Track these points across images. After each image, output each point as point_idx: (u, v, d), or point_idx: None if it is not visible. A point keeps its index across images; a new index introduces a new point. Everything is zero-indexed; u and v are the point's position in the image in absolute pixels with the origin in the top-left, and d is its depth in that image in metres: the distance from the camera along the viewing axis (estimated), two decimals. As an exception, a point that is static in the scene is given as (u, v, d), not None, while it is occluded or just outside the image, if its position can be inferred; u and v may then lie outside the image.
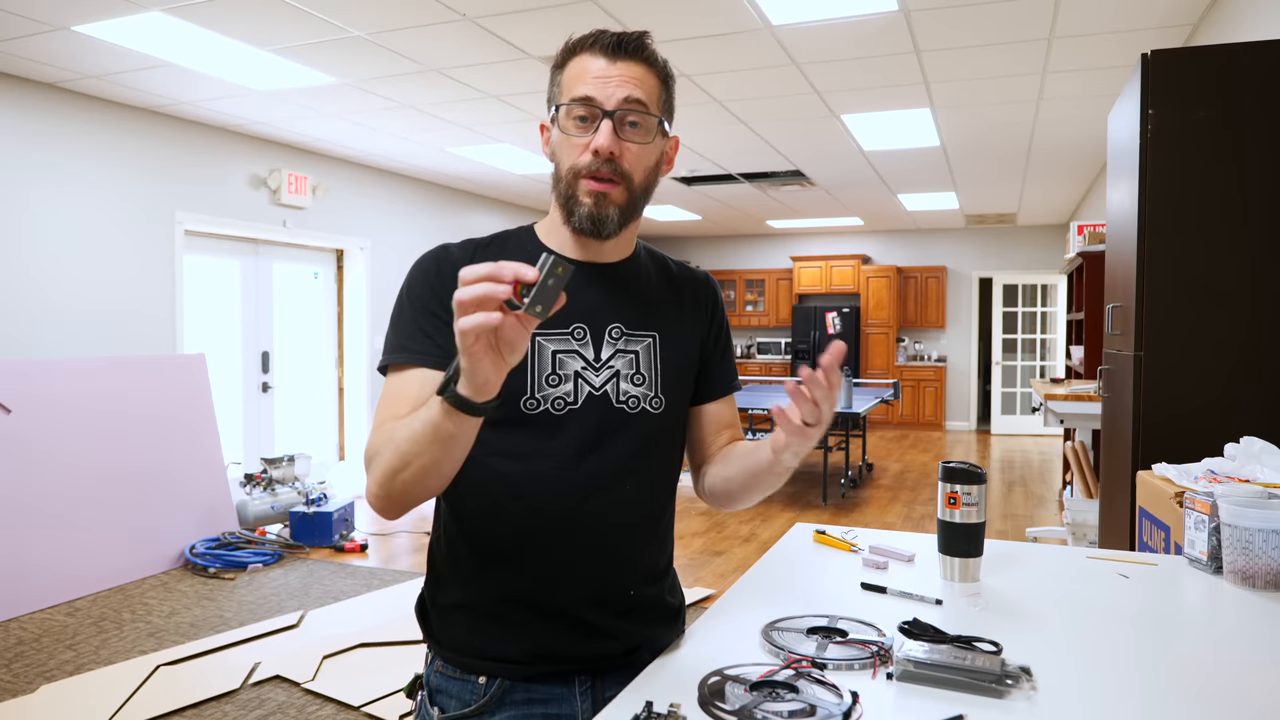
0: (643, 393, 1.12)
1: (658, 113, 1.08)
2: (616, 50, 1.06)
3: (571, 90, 1.06)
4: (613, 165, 1.05)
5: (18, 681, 3.25)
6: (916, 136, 5.92)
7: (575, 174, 1.06)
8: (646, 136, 1.07)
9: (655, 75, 1.09)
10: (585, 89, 1.05)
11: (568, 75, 1.08)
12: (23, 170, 4.65)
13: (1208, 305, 2.22)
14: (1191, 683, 0.92)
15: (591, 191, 1.06)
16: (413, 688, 1.18)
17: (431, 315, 1.06)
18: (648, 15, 3.66)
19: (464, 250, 1.12)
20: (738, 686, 0.89)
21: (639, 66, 1.07)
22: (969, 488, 1.24)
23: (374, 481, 0.98)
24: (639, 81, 1.06)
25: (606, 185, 1.06)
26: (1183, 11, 3.60)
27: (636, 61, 1.07)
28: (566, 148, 1.07)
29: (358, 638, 3.63)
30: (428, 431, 0.89)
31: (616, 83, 1.05)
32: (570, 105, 1.05)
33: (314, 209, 6.66)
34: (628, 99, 1.05)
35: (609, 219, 1.07)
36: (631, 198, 1.08)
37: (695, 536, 5.46)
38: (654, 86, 1.08)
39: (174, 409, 4.99)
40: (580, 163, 1.06)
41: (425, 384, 1.03)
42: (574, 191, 1.07)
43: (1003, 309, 10.85)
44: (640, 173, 1.08)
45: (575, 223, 1.08)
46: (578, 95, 1.05)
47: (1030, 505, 6.56)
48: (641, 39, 1.08)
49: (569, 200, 1.07)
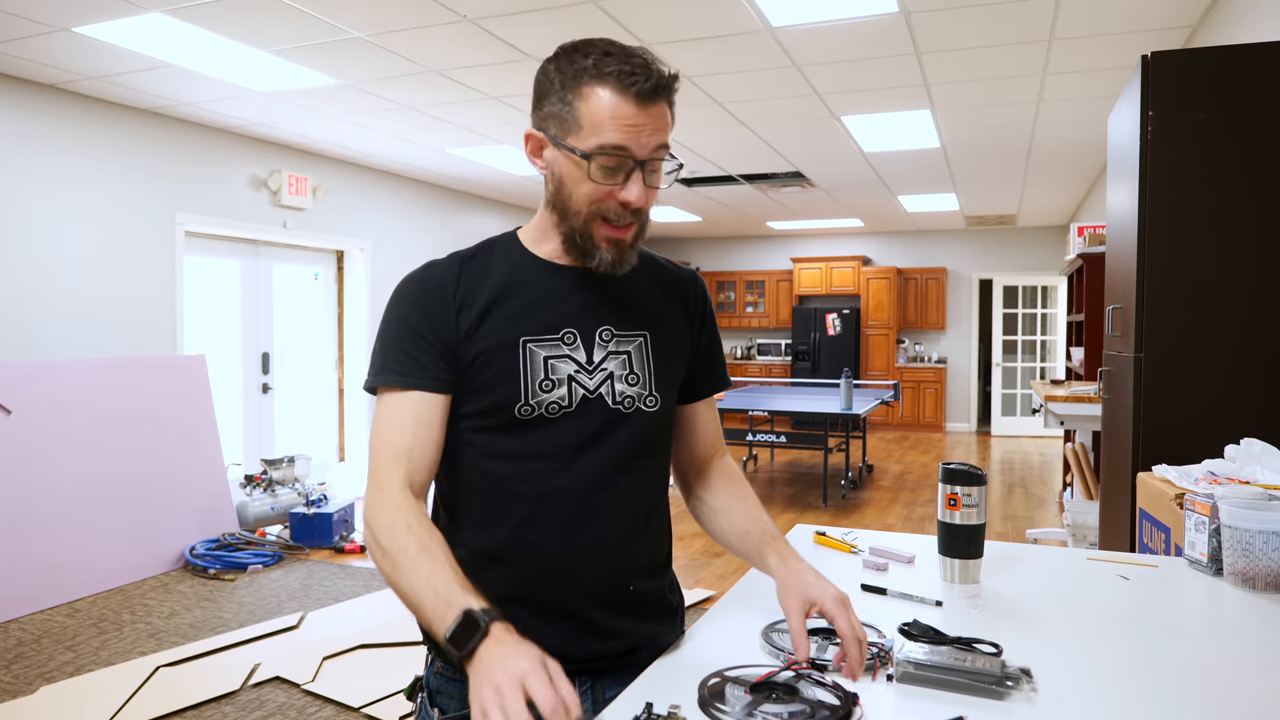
0: (638, 392, 1.12)
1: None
2: (650, 97, 1.00)
3: (599, 132, 1.00)
4: (637, 212, 1.05)
5: (18, 683, 3.25)
6: (917, 138, 5.92)
7: (594, 215, 1.05)
8: (664, 178, 1.07)
9: (671, 111, 1.06)
10: (619, 137, 1.00)
11: (591, 109, 1.00)
12: (23, 171, 4.65)
13: (1208, 307, 2.22)
14: (1192, 684, 0.92)
15: (610, 239, 1.06)
16: (413, 689, 1.18)
17: (417, 336, 1.07)
18: (648, 16, 3.66)
19: (451, 265, 1.12)
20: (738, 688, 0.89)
21: (665, 110, 1.03)
22: (969, 489, 1.24)
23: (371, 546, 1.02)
24: (666, 125, 1.03)
25: (624, 231, 1.06)
26: (1183, 13, 3.60)
27: (663, 102, 1.02)
28: (585, 187, 1.03)
29: (358, 639, 3.63)
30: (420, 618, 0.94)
31: (649, 131, 1.01)
32: (600, 155, 1.00)
33: (314, 210, 6.66)
34: (659, 146, 1.03)
35: (628, 260, 1.08)
36: (643, 231, 1.09)
37: (695, 537, 5.46)
38: (670, 123, 1.05)
39: (174, 410, 4.99)
40: (603, 209, 1.04)
41: (419, 411, 1.05)
42: (589, 232, 1.06)
43: (1003, 310, 10.85)
44: (651, 205, 1.08)
45: (595, 265, 1.07)
46: (609, 143, 1.00)
47: (1030, 507, 6.55)
48: (668, 82, 1.02)
49: (584, 240, 1.06)
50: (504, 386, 1.06)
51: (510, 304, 1.09)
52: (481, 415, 1.08)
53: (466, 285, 1.09)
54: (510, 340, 1.07)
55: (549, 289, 1.11)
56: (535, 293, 1.10)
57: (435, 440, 1.07)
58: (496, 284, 1.10)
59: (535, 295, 1.10)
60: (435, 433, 1.06)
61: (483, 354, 1.07)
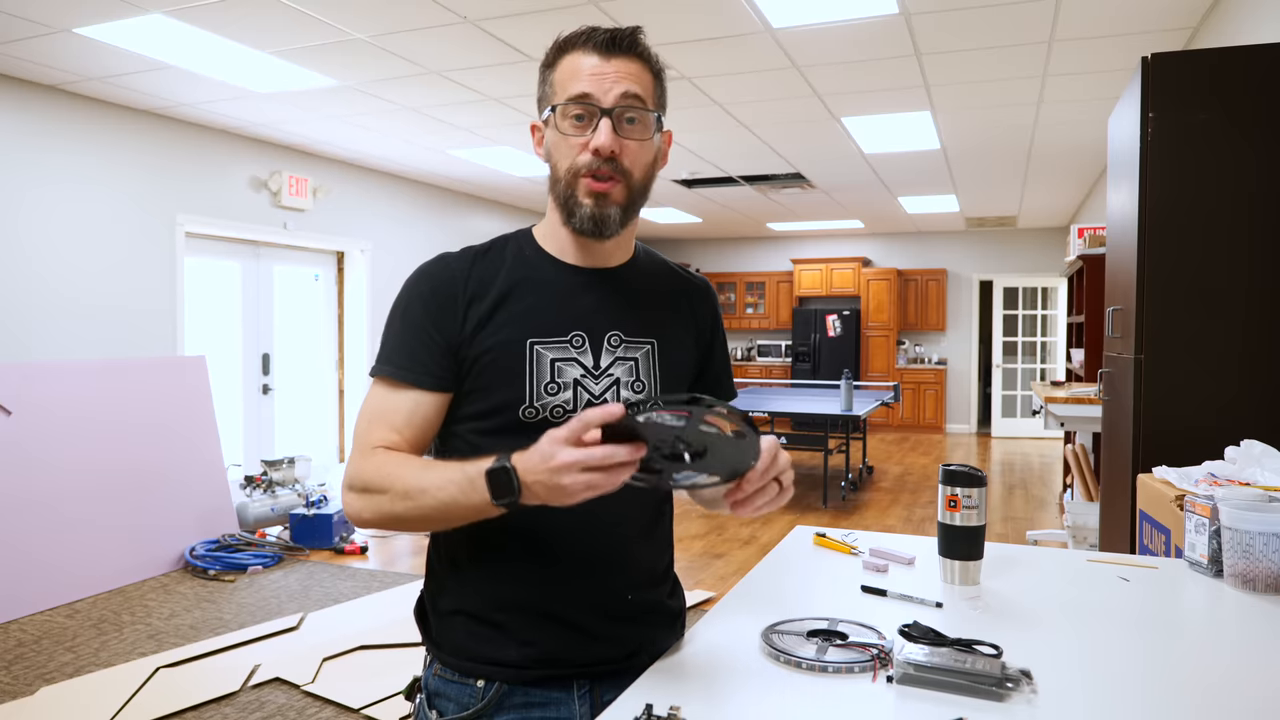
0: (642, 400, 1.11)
1: (654, 108, 1.07)
2: (611, 46, 1.03)
3: (566, 88, 1.04)
4: (613, 163, 1.04)
5: (17, 684, 3.24)
6: (917, 139, 5.92)
7: (574, 174, 1.05)
8: (645, 133, 1.06)
9: (649, 70, 1.07)
10: (581, 86, 1.02)
11: (560, 73, 1.05)
12: (23, 172, 4.65)
13: (1208, 308, 2.22)
14: (1192, 686, 0.92)
15: (592, 191, 1.04)
16: (411, 690, 1.18)
17: (421, 331, 1.07)
18: (648, 18, 3.67)
19: (462, 260, 1.11)
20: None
21: (634, 62, 1.05)
22: (969, 490, 1.24)
23: (370, 514, 1.01)
24: (635, 77, 1.04)
25: (607, 184, 1.05)
26: (1183, 15, 3.60)
27: (631, 57, 1.05)
28: (564, 148, 1.05)
29: (357, 640, 3.63)
30: (465, 513, 0.94)
31: (613, 79, 1.03)
32: (566, 104, 1.03)
33: (314, 211, 6.66)
34: (625, 94, 1.03)
35: (611, 219, 1.06)
36: (631, 195, 1.07)
37: (695, 539, 5.46)
38: (649, 82, 1.07)
39: (174, 411, 4.98)
40: (579, 162, 1.04)
41: (416, 406, 1.05)
42: (573, 192, 1.05)
43: (1003, 312, 10.85)
44: (640, 169, 1.07)
45: (576, 224, 1.07)
46: (574, 93, 1.03)
47: (1031, 508, 6.55)
48: (635, 34, 1.06)
49: (568, 201, 1.06)
50: (508, 387, 1.06)
51: (519, 301, 1.08)
52: (483, 416, 1.07)
53: (477, 280, 1.09)
54: (517, 340, 1.06)
55: (559, 287, 1.10)
56: (545, 290, 1.10)
57: (424, 436, 1.07)
58: (507, 280, 1.09)
59: (545, 293, 1.10)
60: (425, 428, 1.07)
61: (488, 352, 1.06)
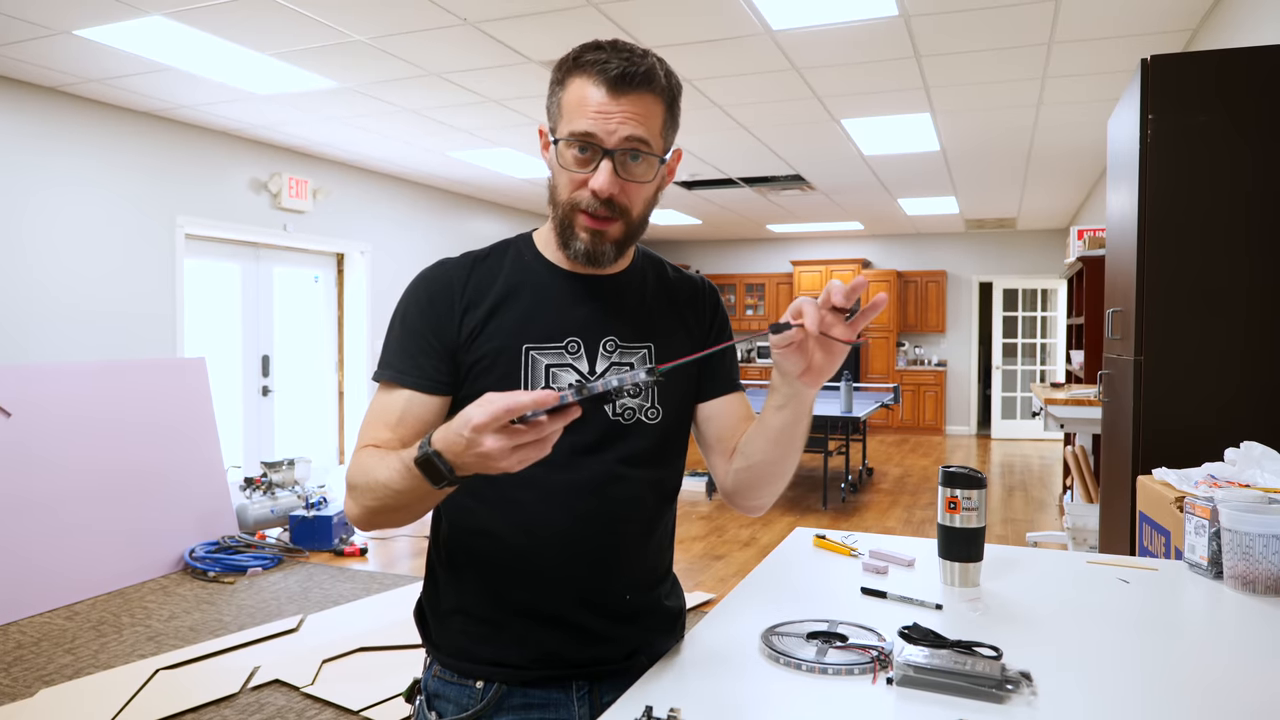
0: (638, 404, 1.11)
1: (659, 148, 1.04)
2: (620, 84, 0.98)
3: (571, 121, 1.00)
4: (611, 205, 1.02)
5: (17, 685, 3.24)
6: (916, 141, 5.93)
7: (572, 207, 1.04)
8: (648, 173, 1.04)
9: (661, 101, 1.03)
10: (585, 124, 0.99)
11: (568, 98, 1.01)
12: (24, 174, 4.66)
13: (1208, 310, 2.22)
14: (1192, 688, 0.92)
15: (588, 228, 1.04)
16: (411, 692, 1.18)
17: (419, 337, 1.07)
18: (648, 20, 3.67)
19: (461, 266, 1.11)
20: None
21: (644, 97, 1.00)
22: (969, 492, 1.24)
23: (356, 511, 1.02)
24: (642, 118, 1.00)
25: (603, 223, 1.04)
26: (1182, 16, 3.60)
27: (642, 93, 1.00)
28: (564, 178, 1.04)
29: (357, 642, 3.63)
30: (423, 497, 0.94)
31: (618, 119, 0.99)
32: (568, 140, 1.00)
33: (314, 213, 6.66)
34: (629, 138, 0.99)
35: (605, 254, 1.06)
36: (629, 231, 1.06)
37: (695, 541, 5.46)
38: (658, 115, 1.03)
39: (174, 412, 4.98)
40: (578, 197, 1.03)
41: (410, 407, 1.06)
42: (570, 224, 1.05)
43: (1003, 313, 10.85)
44: (639, 205, 1.06)
45: (571, 254, 1.07)
46: (577, 130, 0.99)
47: (1030, 510, 6.55)
48: (649, 72, 1.00)
49: (565, 230, 1.06)
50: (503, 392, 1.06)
51: (516, 307, 1.08)
52: None
53: (475, 286, 1.09)
54: (512, 346, 1.07)
55: (555, 293, 1.10)
56: (541, 296, 1.10)
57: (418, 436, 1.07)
58: (504, 285, 1.10)
59: (541, 299, 1.10)
60: (419, 427, 1.07)
61: (484, 357, 1.06)
